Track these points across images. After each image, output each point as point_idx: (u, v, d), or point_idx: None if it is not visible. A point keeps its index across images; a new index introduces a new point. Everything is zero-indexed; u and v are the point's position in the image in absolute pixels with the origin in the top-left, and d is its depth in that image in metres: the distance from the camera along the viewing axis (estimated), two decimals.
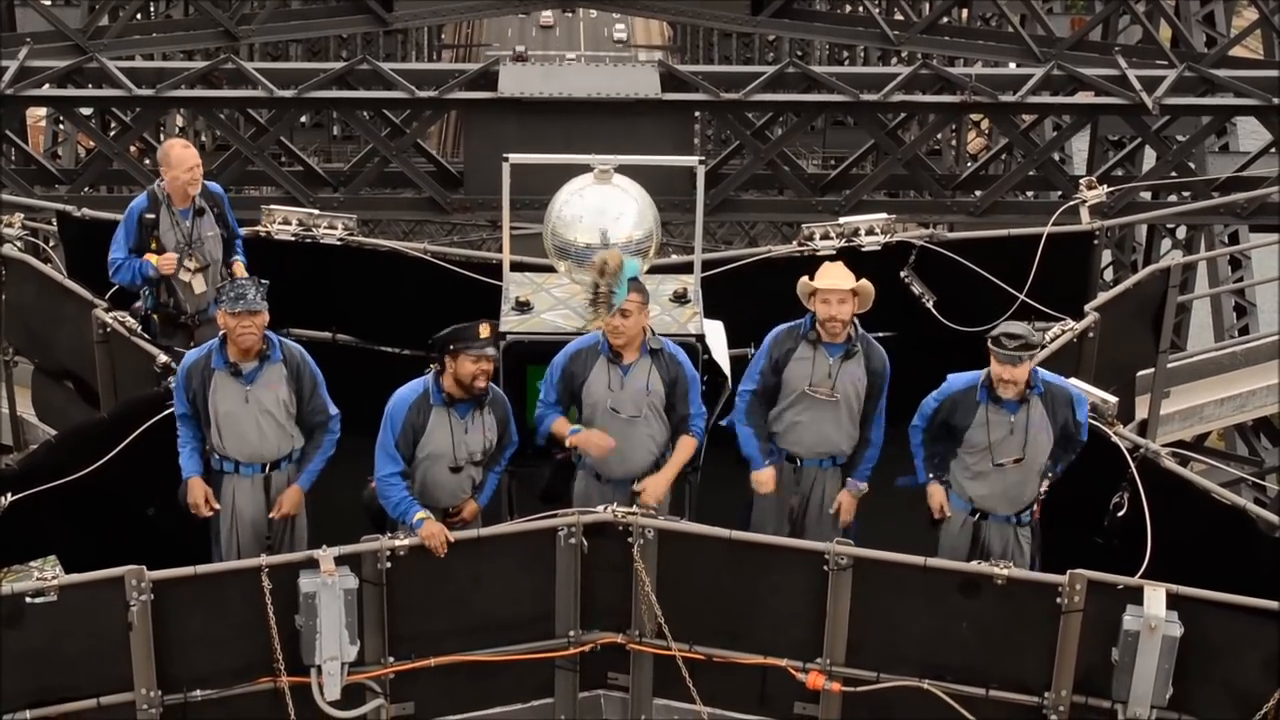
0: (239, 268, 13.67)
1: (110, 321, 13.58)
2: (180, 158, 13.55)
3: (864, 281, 12.35)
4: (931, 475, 12.14)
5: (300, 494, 12.10)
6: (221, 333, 11.95)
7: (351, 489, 12.29)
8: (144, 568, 10.65)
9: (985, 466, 11.87)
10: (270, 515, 12.04)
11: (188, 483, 11.93)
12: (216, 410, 11.89)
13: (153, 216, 13.52)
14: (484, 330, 11.66)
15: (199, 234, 13.60)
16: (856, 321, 12.28)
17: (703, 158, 14.69)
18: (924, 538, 12.19)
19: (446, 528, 11.45)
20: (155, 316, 13.68)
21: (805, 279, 12.35)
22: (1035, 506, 12.05)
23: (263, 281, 11.99)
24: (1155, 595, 10.72)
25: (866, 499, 12.54)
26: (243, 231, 14.12)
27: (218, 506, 11.92)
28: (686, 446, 12.21)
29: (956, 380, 11.95)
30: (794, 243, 14.76)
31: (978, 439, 11.83)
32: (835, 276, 12.27)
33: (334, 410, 12.15)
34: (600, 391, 12.03)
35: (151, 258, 13.49)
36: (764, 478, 12.36)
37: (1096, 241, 15.24)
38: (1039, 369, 11.92)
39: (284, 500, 12.06)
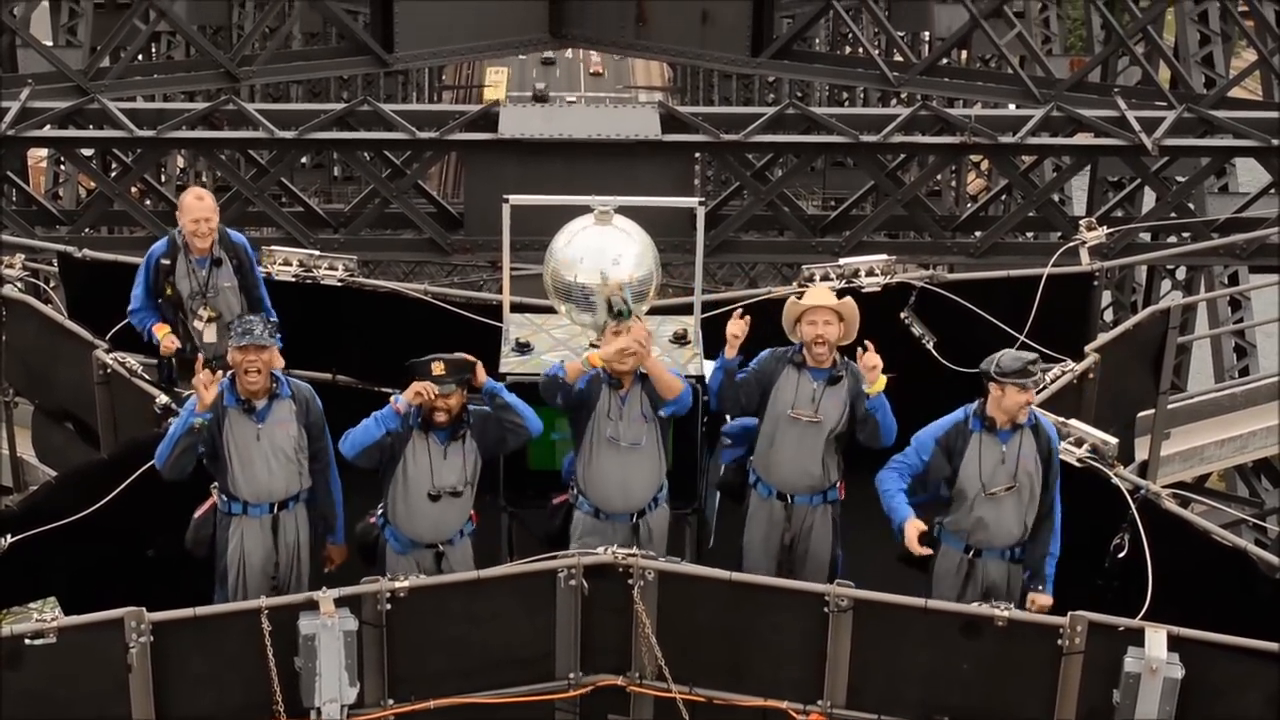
0: None
1: (111, 362, 13.59)
2: (189, 208, 13.52)
3: (848, 300, 12.37)
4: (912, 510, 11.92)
5: (344, 550, 12.40)
6: (232, 371, 11.98)
7: (351, 528, 12.31)
8: (143, 609, 10.64)
9: (979, 500, 11.87)
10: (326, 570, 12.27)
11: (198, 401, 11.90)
12: (235, 447, 11.91)
13: (169, 262, 13.51)
14: (435, 367, 11.73)
15: (215, 284, 13.57)
16: (841, 355, 12.27)
17: (703, 199, 14.73)
18: (920, 574, 12.19)
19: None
20: (173, 360, 13.67)
21: (792, 299, 12.38)
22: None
23: (272, 319, 12.03)
24: (1156, 637, 10.70)
25: (860, 536, 12.55)
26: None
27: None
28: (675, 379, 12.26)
29: (939, 426, 11.93)
30: (794, 284, 14.77)
31: (970, 469, 11.83)
32: (819, 294, 12.35)
33: (330, 448, 12.22)
34: (601, 420, 12.09)
35: (158, 331, 13.47)
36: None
37: (1096, 282, 15.26)
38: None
39: (333, 557, 12.39)
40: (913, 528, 11.77)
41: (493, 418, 11.96)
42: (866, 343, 12.05)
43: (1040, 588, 11.88)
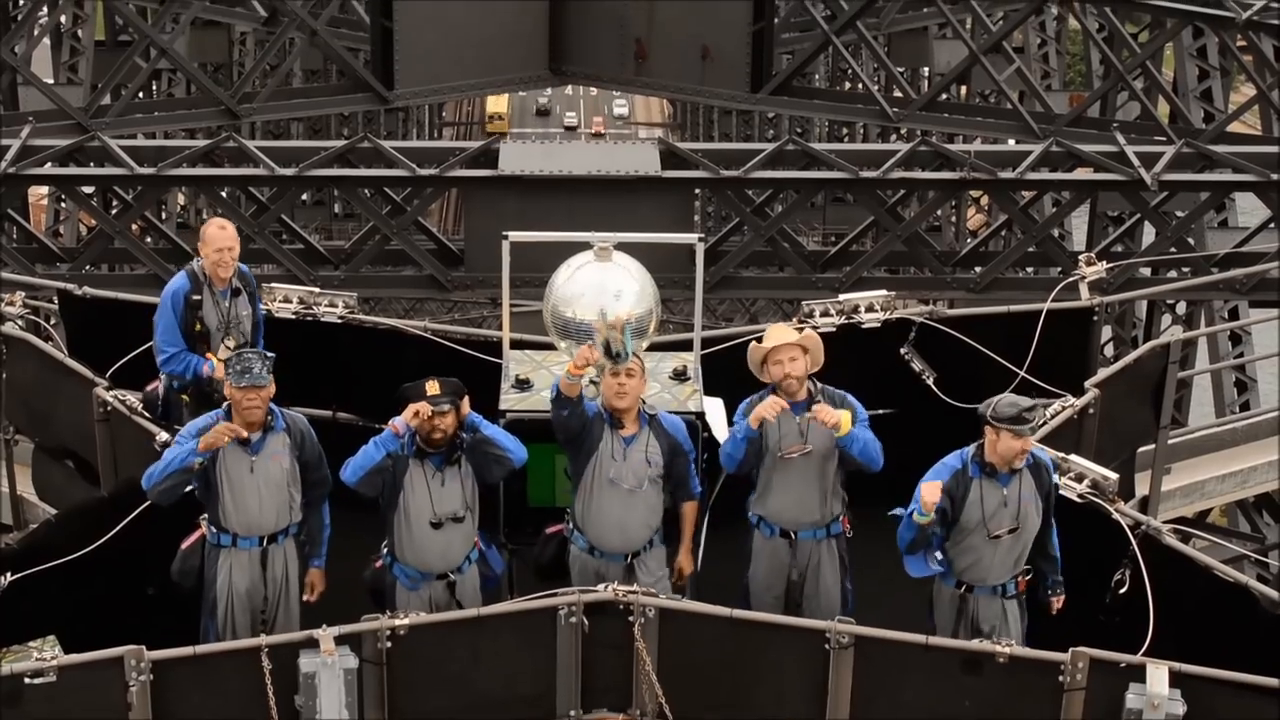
0: None
1: (111, 400, 13.58)
2: (212, 237, 13.47)
3: (809, 332, 12.37)
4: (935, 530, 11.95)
5: (323, 574, 12.29)
6: (227, 403, 11.99)
7: (349, 566, 12.29)
8: (143, 648, 10.63)
9: (979, 540, 11.86)
10: (305, 598, 12.17)
11: (202, 440, 11.83)
12: (228, 478, 11.92)
13: (198, 298, 13.48)
14: (430, 386, 11.80)
15: (236, 314, 13.57)
16: (814, 381, 12.27)
17: (702, 235, 14.72)
18: (923, 612, 12.18)
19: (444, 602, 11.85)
20: (185, 396, 13.63)
21: (754, 344, 12.38)
22: (1019, 579, 12.03)
23: (268, 355, 12.05)
24: (1158, 673, 10.68)
25: (864, 572, 12.53)
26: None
27: (244, 433, 11.86)
28: (692, 510, 12.33)
29: (940, 473, 11.92)
30: (794, 320, 14.77)
31: (973, 514, 11.82)
32: (780, 333, 12.32)
33: (329, 479, 12.26)
34: (604, 461, 12.06)
35: (213, 357, 13.42)
36: (766, 410, 12.18)
37: (1096, 317, 15.26)
38: None
39: (314, 583, 12.26)
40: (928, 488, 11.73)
41: (478, 448, 11.99)
42: (815, 409, 12.08)
43: (1054, 593, 12.03)
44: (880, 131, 40.07)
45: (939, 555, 11.91)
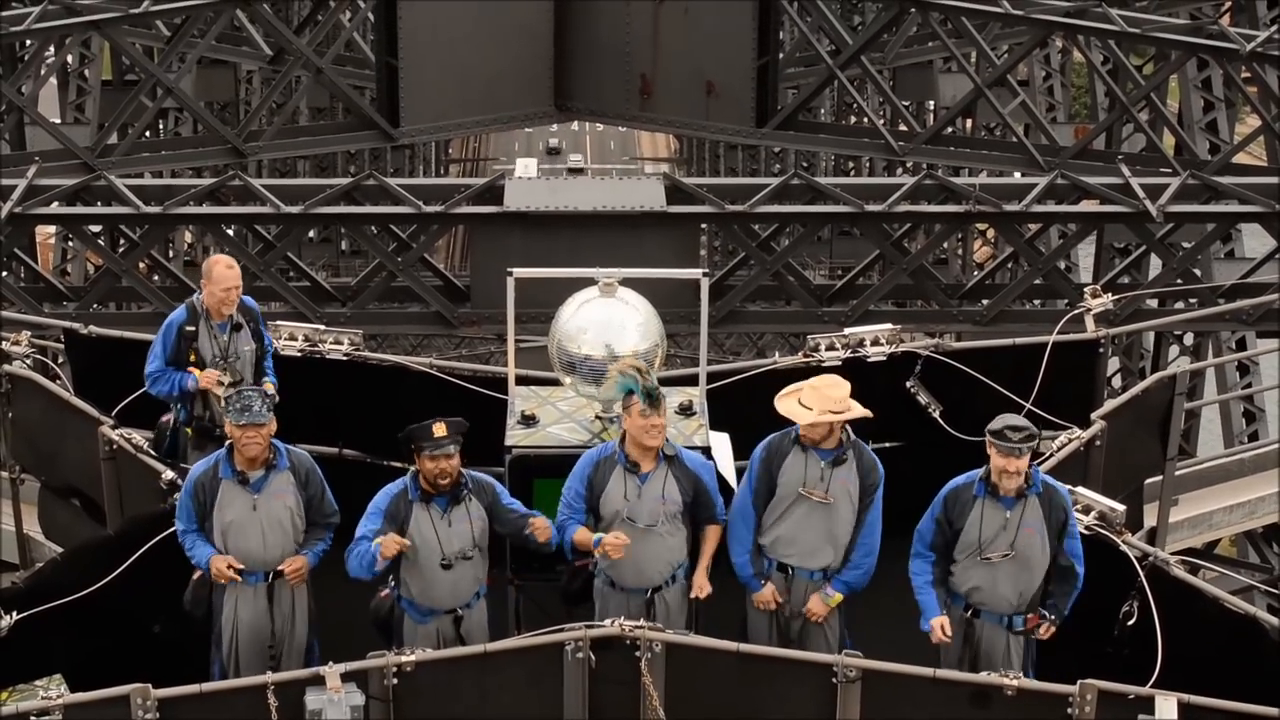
0: (268, 388, 13.64)
1: (117, 438, 13.60)
2: (222, 276, 13.69)
3: (835, 392, 12.16)
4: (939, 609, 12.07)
5: (305, 561, 12.09)
6: (228, 442, 12.02)
7: (357, 601, 12.27)
8: (149, 686, 10.61)
9: (974, 561, 11.86)
10: (280, 568, 12.02)
11: (209, 562, 11.88)
12: (223, 519, 11.95)
13: (192, 329, 13.68)
14: (438, 429, 11.76)
15: (235, 348, 13.74)
16: (849, 427, 12.25)
17: (707, 270, 14.72)
18: (922, 642, 12.13)
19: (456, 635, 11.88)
20: (188, 430, 13.72)
21: (798, 411, 12.19)
22: (1029, 617, 11.97)
23: (269, 393, 12.09)
24: (1167, 704, 10.66)
25: (866, 604, 12.51)
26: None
27: (240, 565, 11.89)
28: (715, 534, 12.29)
29: (949, 488, 11.96)
30: (800, 354, 14.77)
31: (970, 534, 11.83)
32: (818, 405, 12.15)
33: (336, 510, 12.30)
34: (616, 501, 12.05)
35: (195, 370, 13.56)
36: (765, 596, 12.36)
37: (1102, 349, 15.25)
38: (1038, 470, 11.96)
39: (294, 561, 12.04)
40: (938, 623, 11.90)
41: (504, 511, 12.01)
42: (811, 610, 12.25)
43: (1048, 615, 11.90)
44: (886, 165, 40.13)
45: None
